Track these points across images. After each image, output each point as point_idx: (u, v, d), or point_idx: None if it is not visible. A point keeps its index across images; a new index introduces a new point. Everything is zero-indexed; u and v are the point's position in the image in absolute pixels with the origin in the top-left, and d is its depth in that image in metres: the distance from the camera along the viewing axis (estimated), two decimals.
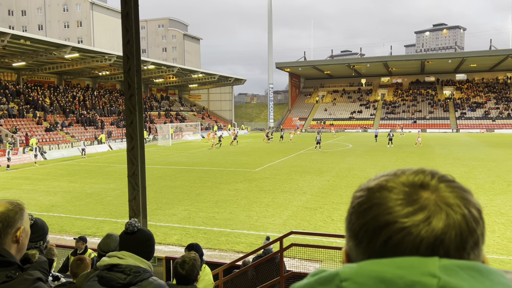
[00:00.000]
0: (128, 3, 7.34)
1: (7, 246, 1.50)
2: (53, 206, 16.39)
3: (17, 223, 1.54)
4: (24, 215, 1.58)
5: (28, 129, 39.06)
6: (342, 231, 12.20)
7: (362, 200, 0.71)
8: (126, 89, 7.48)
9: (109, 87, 60.73)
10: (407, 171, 0.73)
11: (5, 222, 1.50)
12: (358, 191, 0.75)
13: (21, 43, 34.12)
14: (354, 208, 0.72)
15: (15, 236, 1.53)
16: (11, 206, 1.55)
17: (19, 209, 1.57)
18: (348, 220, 0.73)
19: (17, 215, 1.55)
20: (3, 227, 1.49)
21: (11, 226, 1.51)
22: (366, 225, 0.67)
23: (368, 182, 0.75)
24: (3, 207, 1.53)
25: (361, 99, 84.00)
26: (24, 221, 1.58)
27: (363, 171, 24.33)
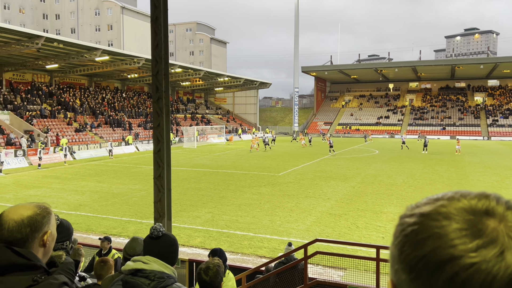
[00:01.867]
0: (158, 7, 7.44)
1: (34, 250, 1.50)
2: (80, 205, 16.77)
3: (44, 227, 1.54)
4: (51, 219, 1.59)
5: (59, 129, 40.21)
6: (367, 239, 11.97)
7: (417, 229, 0.63)
8: (154, 92, 7.57)
9: (137, 90, 61.93)
10: (467, 195, 0.65)
11: (33, 226, 1.50)
12: (409, 216, 0.66)
13: (54, 46, 35.22)
14: (407, 237, 0.63)
15: (42, 240, 1.54)
16: (39, 210, 1.55)
17: (47, 213, 1.57)
18: (399, 250, 0.64)
19: (45, 219, 1.55)
20: (30, 231, 1.50)
21: (39, 230, 1.52)
22: (425, 259, 0.60)
23: (420, 207, 0.67)
24: (31, 211, 1.53)
25: (389, 104, 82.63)
26: (51, 225, 1.58)
27: (389, 177, 23.86)
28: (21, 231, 1.49)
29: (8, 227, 1.49)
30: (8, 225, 1.49)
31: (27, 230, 1.49)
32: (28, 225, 1.50)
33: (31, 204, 1.58)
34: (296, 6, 77.71)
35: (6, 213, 1.54)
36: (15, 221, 1.50)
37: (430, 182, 22.29)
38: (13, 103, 39.88)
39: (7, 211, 1.55)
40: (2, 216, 1.53)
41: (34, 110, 41.07)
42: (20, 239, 1.48)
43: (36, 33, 32.88)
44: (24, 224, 1.50)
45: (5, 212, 1.55)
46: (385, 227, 13.41)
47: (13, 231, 1.48)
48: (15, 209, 1.55)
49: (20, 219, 1.50)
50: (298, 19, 78.28)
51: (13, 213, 1.52)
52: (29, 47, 32.87)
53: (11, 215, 1.52)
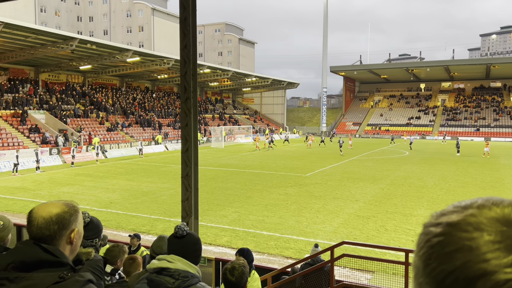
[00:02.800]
0: (187, 8, 7.53)
1: (61, 247, 1.54)
2: (111, 203, 17.19)
3: (72, 225, 1.57)
4: (78, 217, 1.62)
5: (92, 128, 41.38)
6: (396, 242, 11.72)
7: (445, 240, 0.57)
8: (182, 92, 7.66)
9: (167, 90, 62.96)
10: (499, 203, 0.59)
11: (60, 224, 1.54)
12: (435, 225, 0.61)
13: (87, 47, 36.26)
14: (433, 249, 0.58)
15: (69, 238, 1.57)
16: (67, 208, 1.59)
17: (74, 211, 1.60)
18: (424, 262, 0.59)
19: (72, 217, 1.58)
20: (58, 229, 1.53)
21: (66, 228, 1.55)
22: (454, 274, 0.54)
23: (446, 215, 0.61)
24: (59, 209, 1.57)
25: (420, 105, 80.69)
26: (78, 223, 1.61)
27: (420, 180, 23.30)
28: (49, 228, 1.52)
29: (37, 224, 1.53)
30: (37, 221, 1.53)
31: (55, 228, 1.53)
32: (56, 222, 1.53)
33: (60, 202, 1.61)
34: (325, 6, 77.04)
35: (35, 210, 1.58)
36: (44, 218, 1.53)
37: (462, 185, 21.62)
38: (49, 103, 41.32)
39: (37, 208, 1.59)
40: (32, 213, 1.57)
41: (68, 110, 42.42)
42: (48, 236, 1.52)
43: (71, 35, 33.94)
44: (52, 221, 1.53)
45: (35, 209, 1.59)
46: (415, 230, 13.10)
47: (41, 228, 1.52)
48: (44, 206, 1.58)
49: (49, 216, 1.54)
50: (327, 19, 77.60)
51: (42, 210, 1.56)
52: (64, 48, 33.98)
53: (40, 212, 1.56)
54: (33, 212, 1.57)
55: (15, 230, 9.94)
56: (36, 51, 35.10)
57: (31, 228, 1.54)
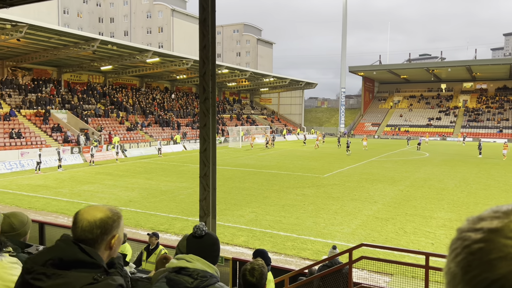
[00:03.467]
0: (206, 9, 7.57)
1: (100, 251, 1.59)
2: (130, 201, 17.42)
3: (113, 231, 1.63)
4: (120, 223, 1.67)
5: (112, 128, 42.04)
6: (415, 245, 11.54)
7: (487, 247, 0.54)
8: (201, 93, 7.71)
9: (185, 90, 63.49)
10: None
11: (103, 228, 1.59)
12: (473, 230, 0.57)
13: (108, 48, 36.87)
14: (474, 255, 0.55)
15: (110, 243, 1.63)
16: (111, 214, 1.64)
17: (117, 217, 1.66)
18: (462, 269, 0.55)
19: (115, 223, 1.63)
20: (100, 234, 1.59)
21: (108, 233, 1.60)
22: (499, 282, 0.52)
23: (486, 220, 0.57)
24: (104, 214, 1.62)
25: (440, 105, 79.27)
26: (120, 229, 1.66)
27: (440, 181, 22.88)
28: (92, 231, 1.58)
29: (81, 226, 1.59)
30: (82, 224, 1.59)
31: (98, 232, 1.58)
32: (99, 227, 1.59)
33: (105, 207, 1.67)
34: (344, 6, 76.44)
35: (81, 212, 1.64)
36: (88, 222, 1.59)
37: (484, 187, 21.14)
38: (70, 102, 42.17)
39: (83, 210, 1.65)
40: (78, 214, 1.64)
41: (89, 110, 43.20)
42: (91, 239, 1.57)
43: (92, 36, 34.57)
44: (96, 225, 1.59)
45: (81, 211, 1.65)
46: (435, 233, 12.87)
47: (85, 231, 1.58)
48: (90, 209, 1.64)
49: (93, 220, 1.59)
50: (346, 19, 76.99)
51: (87, 213, 1.62)
52: (85, 49, 34.63)
53: (85, 215, 1.61)
54: (79, 214, 1.63)
55: (38, 227, 10.17)
56: (59, 51, 35.86)
57: (76, 229, 1.60)
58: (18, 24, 28.61)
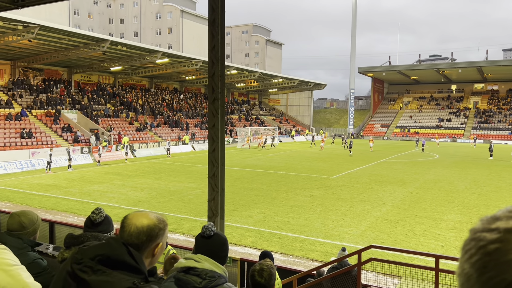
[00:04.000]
0: (215, 10, 7.59)
1: (143, 257, 1.61)
2: (139, 201, 17.52)
3: (158, 239, 1.65)
4: (165, 232, 1.70)
5: (121, 128, 42.32)
6: (425, 247, 11.44)
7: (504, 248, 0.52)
8: (210, 93, 7.73)
9: (194, 91, 63.71)
10: None
11: (149, 236, 1.62)
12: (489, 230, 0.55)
13: (118, 49, 37.14)
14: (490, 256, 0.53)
15: (153, 251, 1.65)
16: (157, 222, 1.66)
17: (163, 226, 1.68)
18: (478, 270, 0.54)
19: (160, 232, 1.66)
20: (146, 240, 1.61)
21: (153, 240, 1.63)
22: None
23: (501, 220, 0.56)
24: (151, 222, 1.65)
25: (451, 107, 78.54)
26: (164, 238, 1.69)
27: (450, 183, 22.67)
28: (139, 237, 1.61)
29: (129, 231, 1.62)
30: (130, 229, 1.62)
31: (144, 238, 1.61)
32: (146, 234, 1.61)
33: (153, 214, 1.70)
34: (354, 7, 76.15)
35: (130, 217, 1.67)
36: (136, 227, 1.62)
37: (495, 190, 20.89)
38: (81, 103, 42.54)
39: (131, 215, 1.68)
40: (126, 219, 1.67)
41: (99, 110, 43.55)
42: (136, 245, 1.60)
43: (102, 37, 34.85)
44: (143, 231, 1.61)
45: (130, 215, 1.68)
46: (444, 235, 12.75)
47: (132, 236, 1.61)
48: (139, 215, 1.67)
49: (141, 226, 1.62)
50: (355, 20, 76.70)
51: (136, 219, 1.65)
52: (95, 50, 34.92)
53: (134, 220, 1.64)
54: (128, 219, 1.66)
55: (48, 226, 10.27)
56: (70, 52, 36.21)
57: (123, 233, 1.62)
58: (30, 25, 28.95)
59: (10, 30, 29.83)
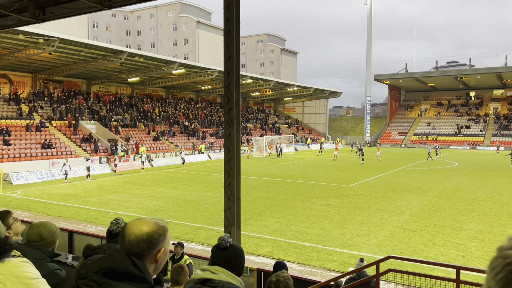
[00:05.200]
0: (231, 20, 7.67)
1: (146, 265, 1.62)
2: (156, 210, 17.64)
3: (159, 245, 1.65)
4: (166, 237, 1.69)
5: (139, 138, 42.86)
6: (445, 257, 11.21)
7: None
8: (226, 103, 7.78)
9: (210, 100, 64.20)
10: None
11: (149, 243, 1.62)
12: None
13: (135, 60, 37.77)
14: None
15: (155, 257, 1.65)
16: (157, 228, 1.66)
17: (163, 231, 1.67)
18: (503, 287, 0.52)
19: (161, 237, 1.65)
20: (146, 248, 1.61)
21: (154, 247, 1.63)
22: None
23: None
24: (150, 228, 1.64)
25: (470, 113, 77.20)
26: (165, 243, 1.68)
27: (470, 192, 22.20)
28: (139, 245, 1.61)
29: (129, 240, 1.62)
30: (130, 238, 1.62)
31: (144, 246, 1.61)
32: (146, 241, 1.61)
33: (152, 220, 1.69)
34: (369, 14, 76.00)
35: (129, 225, 1.68)
36: (135, 236, 1.62)
37: None
38: (99, 113, 43.29)
39: (130, 224, 1.68)
40: (126, 228, 1.67)
41: (117, 120, 44.22)
42: (137, 253, 1.60)
43: (120, 49, 35.51)
44: (143, 239, 1.61)
45: (129, 225, 1.68)
46: (465, 245, 12.46)
47: (132, 245, 1.61)
48: (137, 223, 1.67)
49: (140, 234, 1.62)
50: (370, 28, 76.49)
51: (135, 227, 1.65)
52: (113, 61, 35.59)
53: (133, 229, 1.64)
54: (127, 228, 1.66)
55: (67, 236, 10.42)
56: (88, 64, 36.98)
57: (123, 243, 1.63)
58: (50, 39, 29.70)
59: (32, 44, 30.66)
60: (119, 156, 35.24)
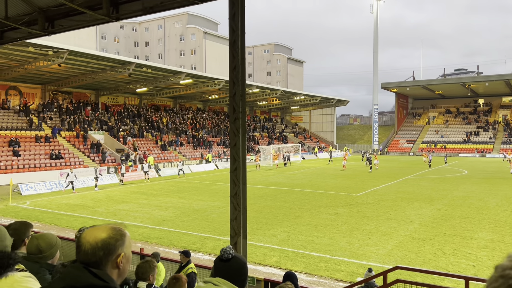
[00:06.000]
0: (236, 31, 7.73)
1: (108, 271, 1.57)
2: (164, 220, 17.65)
3: (118, 250, 1.59)
4: (125, 241, 1.63)
5: (147, 148, 43.07)
6: (455, 267, 11.05)
7: None
8: (231, 113, 7.81)
9: (217, 110, 64.47)
10: None
11: (106, 250, 1.56)
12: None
13: (143, 71, 38.13)
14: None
15: (116, 263, 1.59)
16: (113, 233, 1.60)
17: (120, 236, 1.62)
18: None
19: (118, 242, 1.60)
20: (104, 255, 1.56)
21: (112, 253, 1.57)
22: None
23: None
24: (105, 234, 1.59)
25: (478, 121, 76.57)
26: (125, 247, 1.63)
27: (480, 200, 21.93)
28: (95, 254, 1.55)
29: (84, 250, 1.57)
30: (84, 247, 1.57)
31: (101, 254, 1.55)
32: (102, 248, 1.56)
33: (107, 226, 1.63)
34: (375, 23, 76.16)
35: (83, 235, 1.62)
36: (90, 244, 1.57)
37: None
38: (107, 123, 43.63)
39: (85, 233, 1.63)
40: (81, 238, 1.62)
41: (125, 130, 44.53)
42: (94, 262, 1.55)
43: (128, 60, 35.90)
44: (98, 247, 1.56)
45: (83, 234, 1.63)
46: (476, 254, 12.28)
47: (88, 254, 1.56)
48: (92, 231, 1.62)
49: (95, 242, 1.57)
50: (377, 36, 76.60)
51: (89, 235, 1.60)
52: (122, 72, 35.96)
53: (87, 237, 1.59)
54: (81, 237, 1.61)
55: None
56: (97, 75, 37.40)
57: (79, 253, 1.58)
58: (60, 50, 30.12)
59: (41, 56, 31.11)
60: (127, 166, 35.38)
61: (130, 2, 9.89)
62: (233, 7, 7.68)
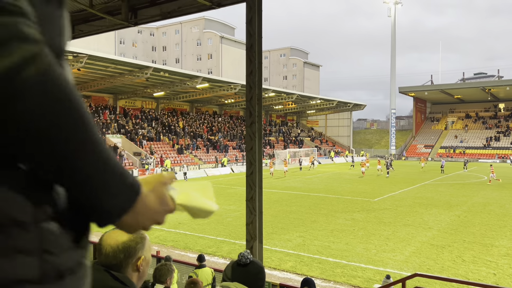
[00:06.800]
0: (253, 35, 7.75)
1: (128, 274, 1.58)
2: (180, 223, 17.74)
3: (138, 253, 1.60)
4: (145, 244, 1.64)
5: (163, 151, 43.44)
6: (475, 275, 10.80)
7: None
8: (248, 117, 7.82)
9: (233, 114, 64.68)
10: None
11: (126, 252, 1.57)
12: None
13: (160, 75, 38.53)
14: None
15: (136, 266, 1.60)
16: (133, 236, 1.61)
17: (141, 239, 1.63)
18: None
19: (138, 245, 1.61)
20: (124, 257, 1.57)
21: (132, 256, 1.58)
22: None
23: None
24: (126, 237, 1.60)
25: (499, 126, 74.95)
26: (145, 250, 1.64)
27: (501, 207, 21.43)
28: (116, 256, 1.56)
29: (105, 252, 1.58)
30: (105, 250, 1.58)
31: (121, 256, 1.56)
32: (123, 251, 1.57)
33: None
34: (393, 27, 75.49)
35: (104, 237, 1.63)
36: (111, 247, 1.58)
37: None
38: (125, 127, 44.19)
39: (105, 235, 1.64)
40: (100, 240, 1.63)
41: (142, 134, 45.03)
42: (115, 265, 1.56)
43: (146, 64, 36.34)
44: (119, 250, 1.57)
45: (104, 236, 1.64)
46: (496, 262, 11.99)
47: (108, 257, 1.57)
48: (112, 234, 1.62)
49: (116, 245, 1.58)
50: (395, 40, 75.88)
51: (110, 238, 1.61)
52: (139, 76, 36.41)
53: (108, 240, 1.60)
54: (102, 240, 1.62)
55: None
56: (115, 79, 37.95)
57: (100, 257, 1.59)
58: (79, 55, 30.67)
59: None
60: (144, 170, 35.74)
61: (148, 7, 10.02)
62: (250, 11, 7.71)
